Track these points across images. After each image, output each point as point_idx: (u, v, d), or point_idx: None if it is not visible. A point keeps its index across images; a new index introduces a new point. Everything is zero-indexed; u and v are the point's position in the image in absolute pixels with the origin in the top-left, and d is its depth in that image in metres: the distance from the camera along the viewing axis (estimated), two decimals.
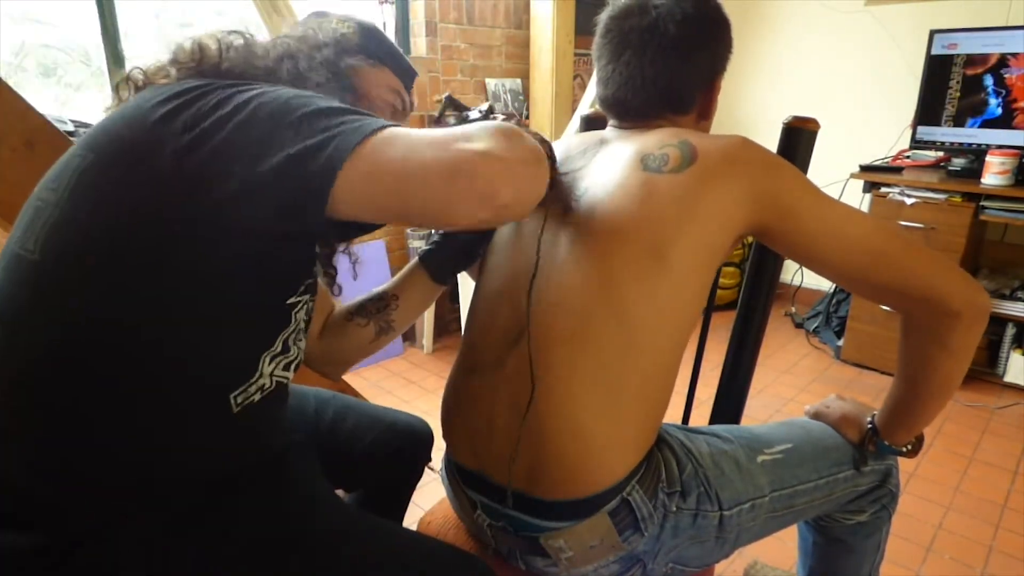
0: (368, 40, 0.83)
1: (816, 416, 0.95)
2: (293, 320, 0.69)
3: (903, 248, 0.74)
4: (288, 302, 0.68)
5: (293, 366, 0.73)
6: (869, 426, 0.89)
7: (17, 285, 0.61)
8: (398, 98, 0.85)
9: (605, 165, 0.78)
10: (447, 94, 0.70)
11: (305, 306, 0.71)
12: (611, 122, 0.88)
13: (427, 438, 1.07)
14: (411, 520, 1.01)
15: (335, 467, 0.95)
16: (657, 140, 0.77)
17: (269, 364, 0.69)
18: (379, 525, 0.77)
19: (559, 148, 0.87)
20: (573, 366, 0.71)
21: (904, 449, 0.89)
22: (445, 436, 0.85)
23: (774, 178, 0.74)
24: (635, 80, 0.81)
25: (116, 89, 0.71)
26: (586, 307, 0.71)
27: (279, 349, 0.69)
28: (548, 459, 0.71)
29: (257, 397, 0.67)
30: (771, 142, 0.89)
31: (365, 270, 0.89)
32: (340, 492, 1.02)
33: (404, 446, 1.01)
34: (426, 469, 1.08)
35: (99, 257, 0.58)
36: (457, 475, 0.82)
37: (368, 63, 0.81)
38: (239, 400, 0.65)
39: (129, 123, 0.61)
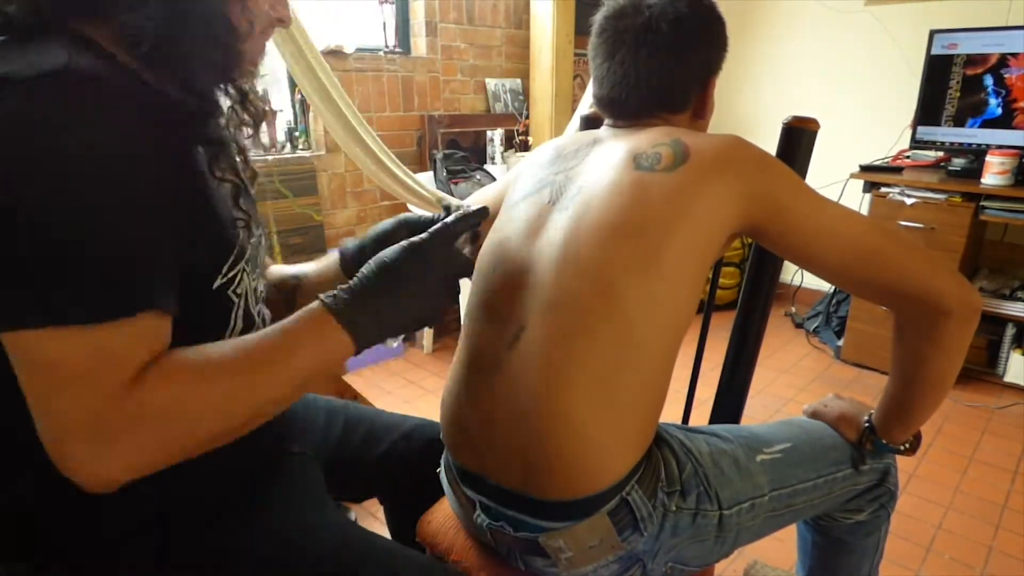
0: None
1: (814, 415, 0.95)
2: (234, 298, 0.65)
3: (896, 247, 0.74)
4: (216, 287, 0.62)
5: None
6: (866, 425, 0.90)
7: None
8: None
9: (598, 164, 0.79)
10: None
11: (242, 275, 0.65)
12: (606, 121, 0.88)
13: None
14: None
15: (348, 477, 0.95)
16: (650, 139, 0.77)
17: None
18: (368, 545, 0.75)
19: (552, 146, 0.88)
20: (571, 366, 0.71)
21: (902, 447, 0.89)
22: (444, 436, 0.85)
23: (767, 177, 0.74)
24: (629, 79, 0.81)
25: None
26: (583, 306, 0.71)
27: (240, 325, 0.66)
28: (547, 459, 0.71)
29: None
30: (771, 142, 0.89)
31: None
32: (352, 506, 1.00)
33: (422, 452, 0.97)
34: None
35: None
36: (456, 475, 0.82)
37: None
38: None
39: None
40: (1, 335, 0.47)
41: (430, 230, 0.65)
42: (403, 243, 0.64)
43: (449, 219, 0.67)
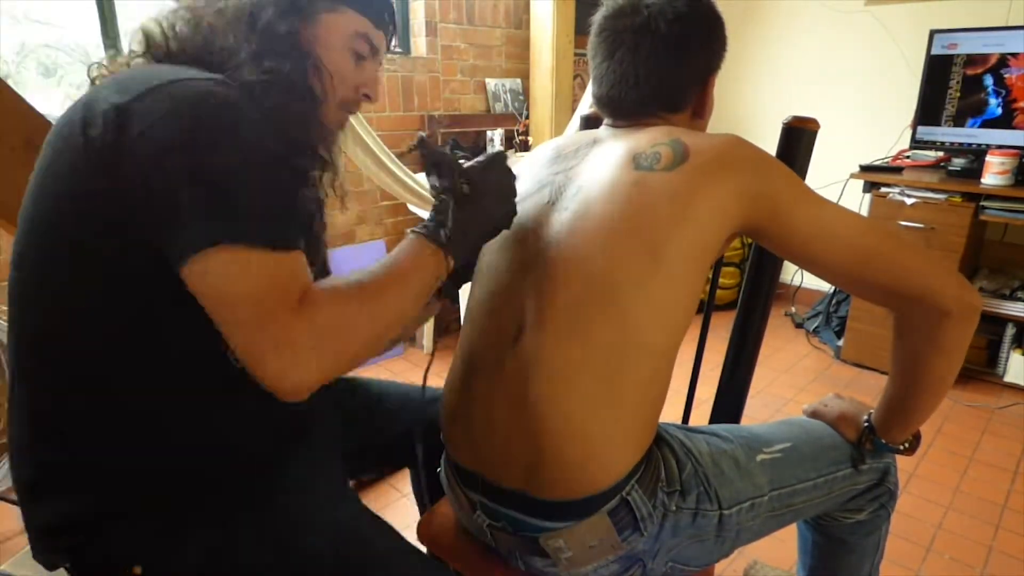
0: None
1: (814, 415, 0.95)
2: None
3: (895, 247, 0.74)
4: None
5: None
6: (866, 425, 0.90)
7: (16, 275, 0.65)
8: (364, 43, 0.74)
9: (597, 164, 0.79)
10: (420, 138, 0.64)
11: None
12: (605, 121, 0.88)
13: None
14: (411, 519, 1.01)
15: (373, 451, 0.98)
16: (649, 139, 0.77)
17: None
18: (368, 544, 0.76)
19: (552, 147, 0.88)
20: (571, 365, 0.71)
21: (901, 447, 0.89)
22: (445, 436, 0.85)
23: (766, 177, 0.74)
24: (628, 79, 0.81)
25: (90, 79, 0.72)
26: (583, 305, 0.71)
27: None
28: (547, 459, 0.71)
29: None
30: (771, 142, 0.89)
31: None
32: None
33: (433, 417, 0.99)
34: None
35: (80, 254, 0.61)
36: (456, 475, 0.82)
37: (326, 9, 0.71)
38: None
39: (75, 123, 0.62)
40: (194, 264, 0.56)
41: (478, 159, 0.75)
42: (468, 167, 0.74)
43: (493, 151, 0.78)
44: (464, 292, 0.88)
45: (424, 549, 0.92)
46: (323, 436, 0.87)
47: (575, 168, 0.81)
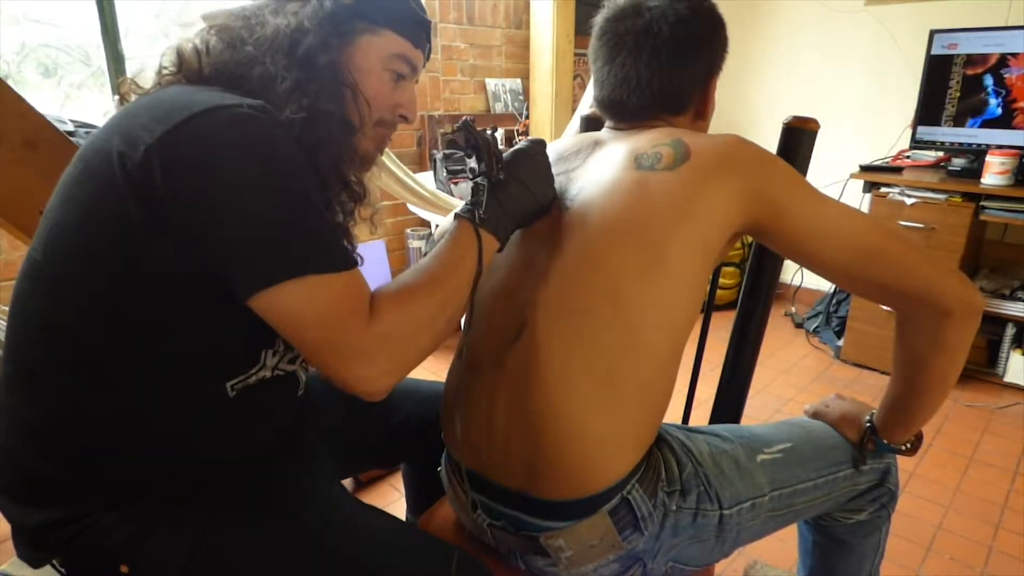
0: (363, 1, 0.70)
1: (815, 415, 0.95)
2: None
3: (898, 247, 0.74)
4: None
5: (299, 360, 0.76)
6: (868, 425, 0.90)
7: (26, 280, 0.65)
8: (403, 63, 0.74)
9: (599, 165, 0.79)
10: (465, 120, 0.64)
11: None
12: (607, 123, 0.88)
13: None
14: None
15: (371, 446, 0.98)
16: (650, 139, 0.77)
17: (272, 358, 0.71)
18: (369, 522, 0.77)
19: (554, 149, 0.88)
20: (572, 365, 0.71)
21: (903, 447, 0.89)
22: (445, 435, 0.85)
23: (768, 177, 0.74)
24: (630, 82, 0.81)
25: (119, 94, 0.72)
26: (585, 305, 0.71)
27: (282, 348, 0.72)
28: (547, 458, 0.71)
29: (254, 382, 0.70)
30: (771, 142, 0.89)
31: (366, 270, 0.88)
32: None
33: (430, 413, 1.00)
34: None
35: (90, 257, 0.61)
36: (457, 474, 0.82)
37: (366, 31, 0.70)
38: (236, 387, 0.68)
39: (108, 138, 0.62)
40: (259, 299, 0.59)
41: (517, 146, 0.77)
42: (507, 155, 0.75)
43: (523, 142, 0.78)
44: None
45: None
46: (315, 432, 0.87)
47: (576, 170, 0.81)
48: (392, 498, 1.69)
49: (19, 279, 0.66)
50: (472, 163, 0.76)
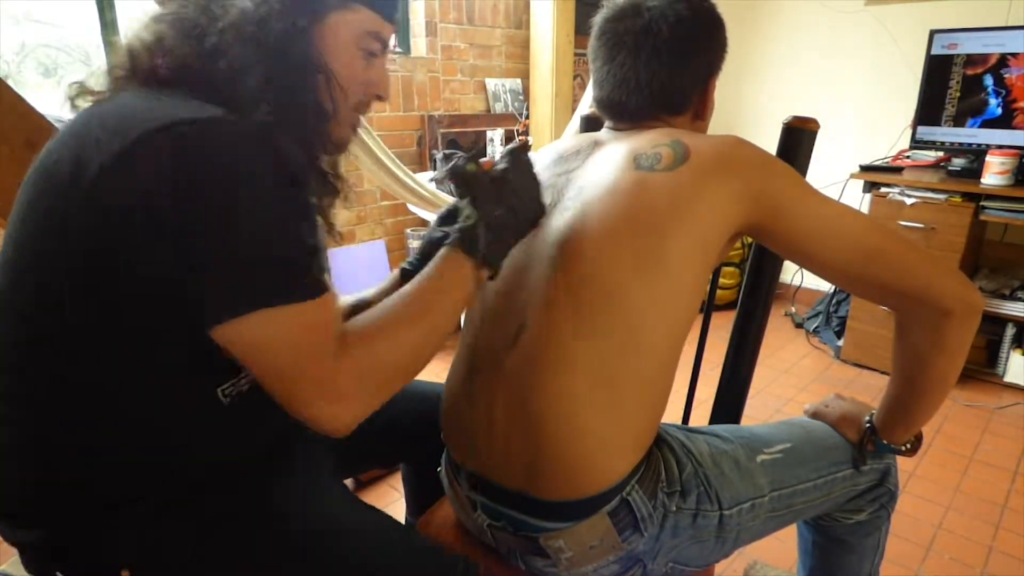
0: None
1: (815, 415, 0.95)
2: None
3: (898, 247, 0.75)
4: None
5: None
6: (867, 425, 0.90)
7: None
8: (375, 40, 0.69)
9: (598, 166, 0.79)
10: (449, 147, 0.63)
11: None
12: (606, 123, 0.88)
13: None
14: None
15: (370, 446, 0.95)
16: (650, 140, 0.77)
17: None
18: (368, 524, 0.76)
19: (553, 149, 0.88)
20: (572, 365, 0.71)
21: (903, 448, 0.89)
22: (444, 436, 0.85)
23: (768, 177, 0.74)
24: (629, 82, 0.81)
25: (68, 99, 0.67)
26: (585, 306, 0.71)
27: None
28: (547, 459, 0.71)
29: (247, 387, 0.68)
30: (771, 142, 0.89)
31: (365, 270, 0.88)
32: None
33: (429, 413, 0.97)
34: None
35: (64, 277, 0.58)
36: (457, 475, 0.82)
37: (338, 6, 0.65)
38: (227, 392, 0.67)
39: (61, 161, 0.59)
40: (223, 330, 0.55)
41: (504, 151, 0.74)
42: (495, 171, 0.72)
43: (514, 143, 0.77)
44: None
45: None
46: (313, 434, 0.87)
47: (576, 170, 0.81)
48: (392, 498, 1.69)
49: None
50: (460, 191, 0.72)
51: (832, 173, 2.55)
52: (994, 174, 2.13)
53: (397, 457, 1.09)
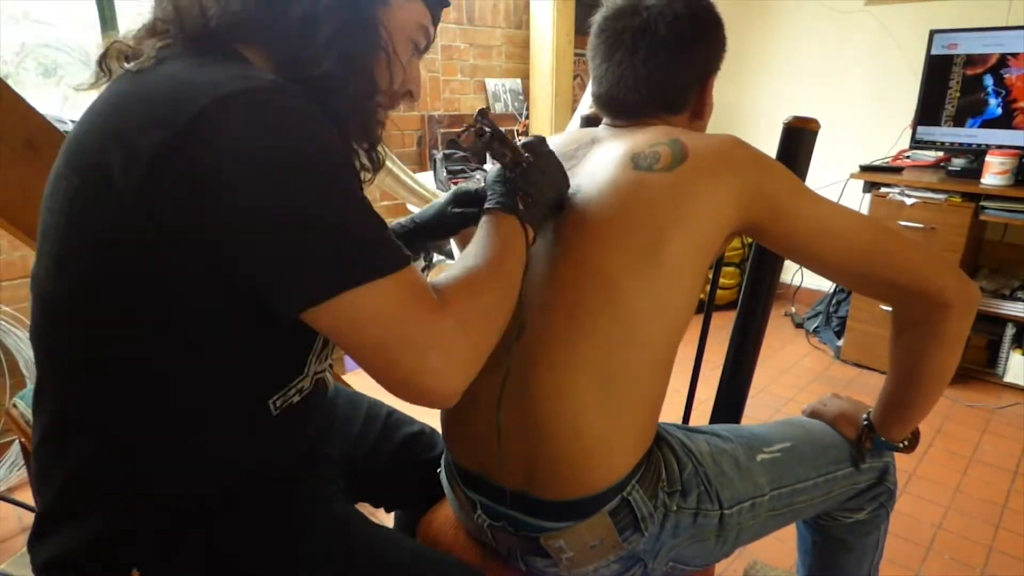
0: None
1: (814, 415, 0.96)
2: None
3: (895, 243, 0.76)
4: None
5: (327, 357, 0.74)
6: (865, 423, 0.90)
7: (43, 314, 0.61)
8: (424, 36, 0.69)
9: (596, 164, 0.79)
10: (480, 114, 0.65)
11: None
12: (604, 120, 0.89)
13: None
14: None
15: (370, 484, 0.95)
16: (647, 139, 0.77)
17: (316, 363, 0.69)
18: (379, 542, 0.75)
19: (552, 146, 0.88)
20: (571, 364, 0.71)
21: (901, 444, 0.90)
22: (444, 436, 0.85)
23: (765, 177, 0.74)
24: (627, 79, 0.81)
25: (100, 65, 0.61)
26: (584, 305, 0.71)
27: (319, 346, 0.69)
28: (547, 459, 0.71)
29: (296, 399, 0.67)
30: (771, 142, 0.90)
31: None
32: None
33: (421, 456, 0.97)
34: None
35: (106, 284, 0.56)
36: (457, 475, 0.82)
37: None
38: (278, 404, 0.65)
39: (102, 142, 0.54)
40: (316, 314, 0.53)
41: (525, 140, 0.74)
42: (530, 145, 0.73)
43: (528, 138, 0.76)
44: None
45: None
46: (327, 454, 0.86)
47: (574, 168, 0.81)
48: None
49: (34, 312, 0.61)
50: (496, 151, 0.71)
51: (832, 173, 2.55)
52: (994, 174, 2.13)
53: (398, 502, 1.05)
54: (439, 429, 0.89)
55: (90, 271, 0.56)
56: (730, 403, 1.04)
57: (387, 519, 1.13)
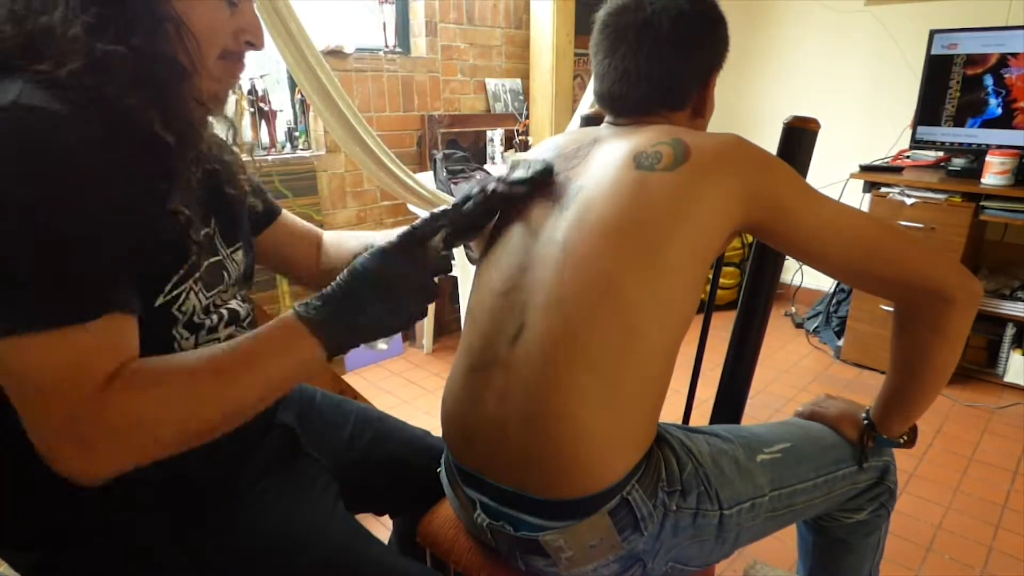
0: None
1: (811, 416, 0.96)
2: (178, 315, 0.63)
3: (898, 240, 0.76)
4: (158, 305, 0.61)
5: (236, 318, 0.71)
6: (865, 421, 0.90)
7: None
8: None
9: (599, 164, 0.79)
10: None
11: (189, 294, 0.63)
12: (606, 118, 0.89)
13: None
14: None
15: (367, 492, 0.94)
16: (650, 138, 0.77)
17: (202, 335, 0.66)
18: (364, 556, 0.75)
19: (552, 145, 0.88)
20: (572, 364, 0.71)
21: (901, 440, 0.90)
22: (445, 436, 0.85)
23: (767, 176, 0.75)
24: (630, 75, 0.81)
25: None
26: (584, 305, 0.71)
27: (192, 341, 0.65)
28: (547, 458, 0.71)
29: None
30: (771, 142, 0.90)
31: None
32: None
33: (417, 461, 0.97)
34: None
35: None
36: (457, 475, 0.82)
37: None
38: None
39: None
40: None
41: (398, 234, 0.66)
42: (374, 249, 0.64)
43: (417, 222, 0.68)
44: (465, 291, 0.88)
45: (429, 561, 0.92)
46: (319, 460, 0.85)
47: (576, 168, 0.81)
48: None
49: None
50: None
51: (832, 173, 2.55)
52: (994, 174, 2.13)
53: (397, 508, 1.04)
54: (439, 430, 0.89)
55: None
56: (730, 403, 1.04)
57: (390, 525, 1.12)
